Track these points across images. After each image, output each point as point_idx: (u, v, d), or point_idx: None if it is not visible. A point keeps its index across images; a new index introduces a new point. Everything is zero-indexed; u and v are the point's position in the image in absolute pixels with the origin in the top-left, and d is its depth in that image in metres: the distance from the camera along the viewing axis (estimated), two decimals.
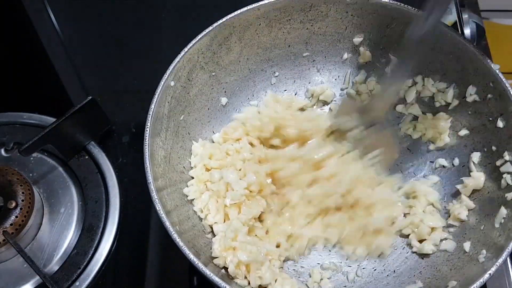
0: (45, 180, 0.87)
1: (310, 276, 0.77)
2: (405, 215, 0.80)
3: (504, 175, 0.73)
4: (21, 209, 0.77)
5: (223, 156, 0.82)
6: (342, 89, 0.91)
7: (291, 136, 0.83)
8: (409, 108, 0.86)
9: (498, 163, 0.74)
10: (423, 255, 0.76)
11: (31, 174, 0.87)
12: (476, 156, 0.78)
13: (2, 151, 0.90)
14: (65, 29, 1.10)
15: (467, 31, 0.99)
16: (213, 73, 0.84)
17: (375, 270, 0.77)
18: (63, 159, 0.88)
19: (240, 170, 0.80)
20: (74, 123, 0.84)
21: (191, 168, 0.81)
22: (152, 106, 0.74)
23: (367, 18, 0.83)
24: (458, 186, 0.78)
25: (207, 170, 0.81)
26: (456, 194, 0.79)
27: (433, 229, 0.76)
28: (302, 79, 0.91)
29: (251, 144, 0.84)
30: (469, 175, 0.77)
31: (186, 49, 0.78)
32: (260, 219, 0.79)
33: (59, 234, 0.82)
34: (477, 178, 0.76)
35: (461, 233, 0.74)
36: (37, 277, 0.77)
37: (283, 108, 0.87)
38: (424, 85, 0.84)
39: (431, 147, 0.84)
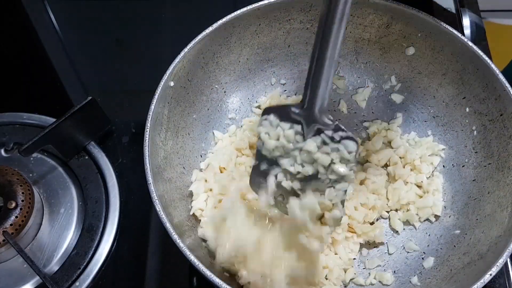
0: (45, 180, 0.87)
1: None
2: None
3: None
4: (21, 209, 0.77)
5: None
6: None
7: None
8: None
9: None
10: (423, 255, 0.76)
11: (31, 174, 0.87)
12: (476, 157, 0.78)
13: (2, 151, 0.90)
14: (65, 29, 1.10)
15: (467, 31, 0.99)
16: (213, 73, 0.84)
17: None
18: (63, 159, 0.88)
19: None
20: (74, 123, 0.84)
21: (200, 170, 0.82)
22: (152, 106, 0.74)
23: (367, 18, 0.83)
24: None
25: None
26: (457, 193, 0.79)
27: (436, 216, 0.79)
28: (302, 79, 0.91)
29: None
30: (470, 175, 0.78)
31: (186, 49, 0.78)
32: None
33: (59, 234, 0.82)
34: None
35: (461, 233, 0.74)
36: (37, 277, 0.77)
37: None
38: None
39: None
